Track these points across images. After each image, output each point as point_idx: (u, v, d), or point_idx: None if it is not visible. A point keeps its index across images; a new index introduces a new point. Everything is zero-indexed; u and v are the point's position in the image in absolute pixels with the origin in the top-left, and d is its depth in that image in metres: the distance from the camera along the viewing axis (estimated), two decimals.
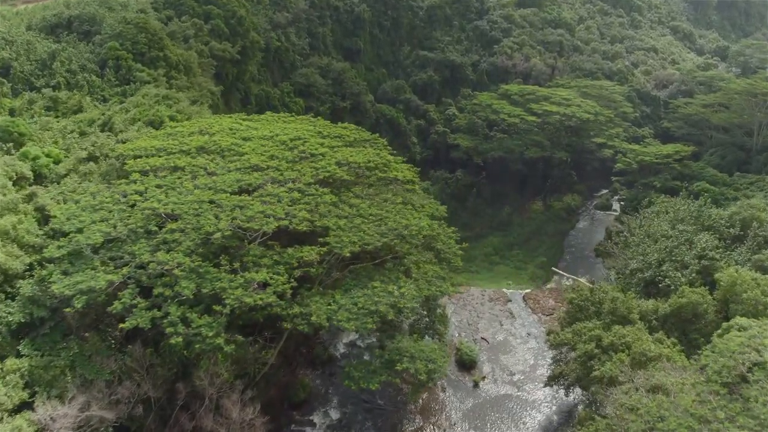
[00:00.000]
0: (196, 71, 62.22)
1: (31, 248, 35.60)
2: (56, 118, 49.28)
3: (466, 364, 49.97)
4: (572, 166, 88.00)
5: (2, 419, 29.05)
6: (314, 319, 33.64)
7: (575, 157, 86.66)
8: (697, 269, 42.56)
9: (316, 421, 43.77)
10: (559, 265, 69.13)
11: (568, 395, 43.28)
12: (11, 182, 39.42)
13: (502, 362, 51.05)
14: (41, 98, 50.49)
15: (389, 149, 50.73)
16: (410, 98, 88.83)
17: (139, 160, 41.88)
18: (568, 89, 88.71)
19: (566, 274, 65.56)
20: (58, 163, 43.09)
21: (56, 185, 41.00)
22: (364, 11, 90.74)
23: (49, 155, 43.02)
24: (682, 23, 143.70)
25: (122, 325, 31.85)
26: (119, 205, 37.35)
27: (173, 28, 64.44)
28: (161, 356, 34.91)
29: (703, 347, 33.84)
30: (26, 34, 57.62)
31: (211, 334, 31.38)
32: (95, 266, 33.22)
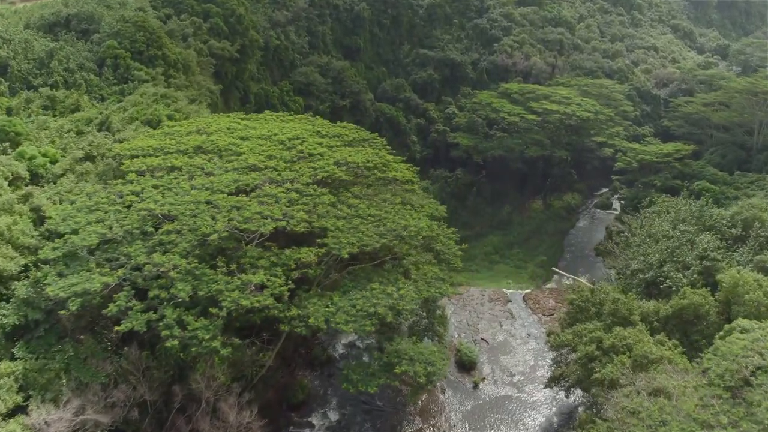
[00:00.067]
0: (194, 70, 62.00)
1: (26, 249, 35.38)
2: (53, 117, 49.13)
3: (465, 365, 49.70)
4: (572, 164, 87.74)
5: None
6: (312, 321, 33.37)
7: (575, 155, 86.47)
8: (698, 270, 42.26)
9: (314, 422, 43.50)
10: (559, 264, 68.91)
11: (568, 397, 43.02)
12: (7, 182, 39.16)
13: (502, 363, 50.75)
14: (39, 97, 50.29)
15: (389, 148, 50.41)
16: (410, 97, 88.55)
17: (135, 159, 41.60)
18: (568, 88, 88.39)
19: (566, 273, 65.28)
20: (54, 162, 42.90)
21: (52, 185, 40.77)
22: (363, 9, 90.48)
23: (45, 155, 42.82)
24: (682, 22, 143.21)
25: (118, 327, 31.53)
26: (115, 205, 37.07)
27: (172, 26, 64.18)
28: (157, 359, 34.63)
29: (704, 349, 33.62)
30: (24, 32, 57.41)
31: (207, 336, 31.07)
32: (90, 268, 32.92)
